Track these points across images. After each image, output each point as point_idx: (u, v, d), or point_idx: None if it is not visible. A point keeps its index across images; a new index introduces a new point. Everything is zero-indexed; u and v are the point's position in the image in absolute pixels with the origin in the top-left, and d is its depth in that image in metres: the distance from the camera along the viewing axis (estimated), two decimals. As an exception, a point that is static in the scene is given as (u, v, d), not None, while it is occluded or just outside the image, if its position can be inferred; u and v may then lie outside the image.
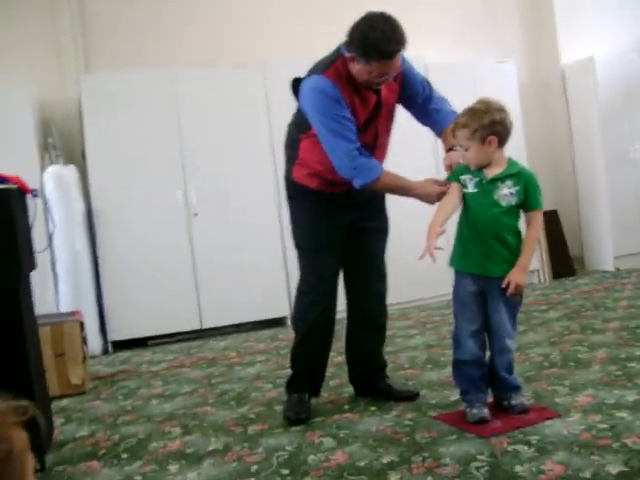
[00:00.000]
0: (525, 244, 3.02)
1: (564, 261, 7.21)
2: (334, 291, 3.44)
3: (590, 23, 7.65)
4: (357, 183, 3.11)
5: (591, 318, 4.92)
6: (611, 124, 7.14)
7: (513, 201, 2.95)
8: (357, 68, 3.06)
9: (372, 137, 3.28)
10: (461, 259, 3.08)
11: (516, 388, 3.11)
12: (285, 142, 3.51)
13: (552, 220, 7.16)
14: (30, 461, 0.99)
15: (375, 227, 3.52)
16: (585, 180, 7.40)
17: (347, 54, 3.07)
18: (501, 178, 2.95)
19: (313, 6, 6.89)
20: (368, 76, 3.06)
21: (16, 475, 0.95)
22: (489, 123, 2.89)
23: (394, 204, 3.69)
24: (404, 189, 3.18)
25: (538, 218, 3.05)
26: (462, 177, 3.02)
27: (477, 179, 2.98)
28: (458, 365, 3.12)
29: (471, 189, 3.00)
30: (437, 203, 3.10)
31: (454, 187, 3.04)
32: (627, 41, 7.81)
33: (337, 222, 3.37)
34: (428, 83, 3.43)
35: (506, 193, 2.94)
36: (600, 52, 7.30)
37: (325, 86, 3.08)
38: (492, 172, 2.96)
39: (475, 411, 2.99)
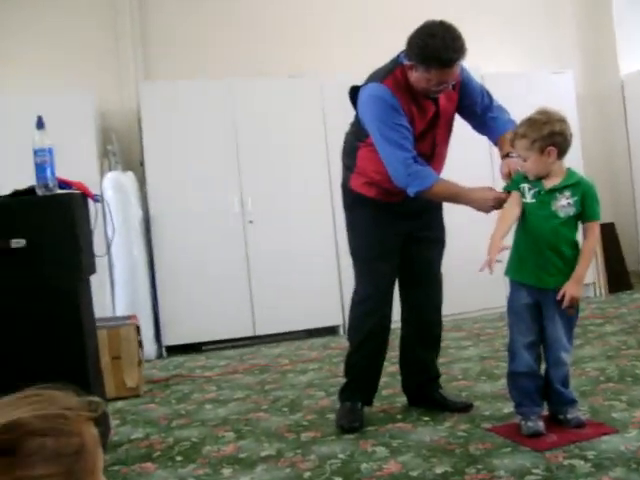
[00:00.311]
0: (582, 256, 2.98)
1: (621, 275, 7.08)
2: (390, 299, 3.44)
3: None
4: (411, 190, 3.11)
5: (649, 333, 4.84)
6: (671, 136, 7.02)
7: (571, 212, 2.92)
8: (416, 76, 3.06)
9: (430, 146, 3.28)
10: (517, 270, 3.06)
11: (572, 402, 3.07)
12: (343, 150, 3.53)
13: (609, 233, 7.04)
14: (101, 456, 1.02)
15: (432, 237, 3.52)
16: (644, 193, 7.27)
17: (406, 62, 3.08)
18: (559, 189, 2.92)
19: (369, 17, 6.91)
20: (427, 84, 3.06)
21: (87, 470, 0.98)
22: (548, 134, 2.86)
23: (449, 214, 3.68)
24: (459, 196, 3.16)
25: (595, 229, 3.01)
26: (521, 186, 3.00)
27: (535, 189, 2.96)
28: (513, 377, 3.09)
29: (529, 199, 2.98)
30: (495, 212, 3.08)
31: (514, 196, 3.02)
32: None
33: (393, 231, 3.38)
34: (487, 92, 3.41)
35: (564, 204, 2.91)
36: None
37: (384, 94, 3.09)
38: (551, 182, 2.94)
39: (530, 424, 2.96)
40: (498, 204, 3.04)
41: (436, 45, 2.94)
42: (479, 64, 6.39)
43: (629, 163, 7.46)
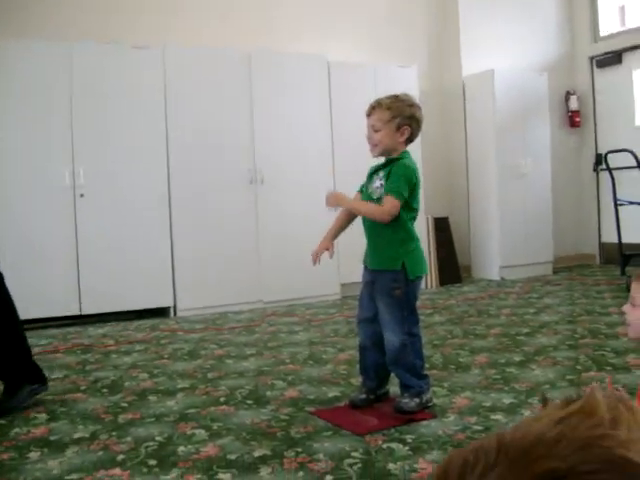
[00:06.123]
0: (361, 201, 3.05)
1: (452, 268, 7.30)
2: None
3: (493, 38, 7.81)
4: None
5: (474, 324, 4.99)
6: (505, 137, 7.30)
7: (382, 192, 2.97)
8: None
9: None
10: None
11: (404, 387, 3.05)
12: None
13: (442, 227, 7.23)
14: None
15: None
16: (477, 190, 7.53)
17: None
18: (376, 171, 3.01)
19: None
20: None
21: None
22: (409, 115, 2.97)
23: (287, 205, 3.62)
24: None
25: (387, 202, 2.91)
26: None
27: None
28: (359, 349, 3.20)
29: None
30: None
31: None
32: (526, 58, 8.02)
33: None
34: None
35: (377, 185, 3.02)
36: (500, 66, 7.46)
37: None
38: None
39: (353, 394, 3.15)
40: None
41: None
42: (325, 52, 6.44)
43: (465, 161, 7.70)
